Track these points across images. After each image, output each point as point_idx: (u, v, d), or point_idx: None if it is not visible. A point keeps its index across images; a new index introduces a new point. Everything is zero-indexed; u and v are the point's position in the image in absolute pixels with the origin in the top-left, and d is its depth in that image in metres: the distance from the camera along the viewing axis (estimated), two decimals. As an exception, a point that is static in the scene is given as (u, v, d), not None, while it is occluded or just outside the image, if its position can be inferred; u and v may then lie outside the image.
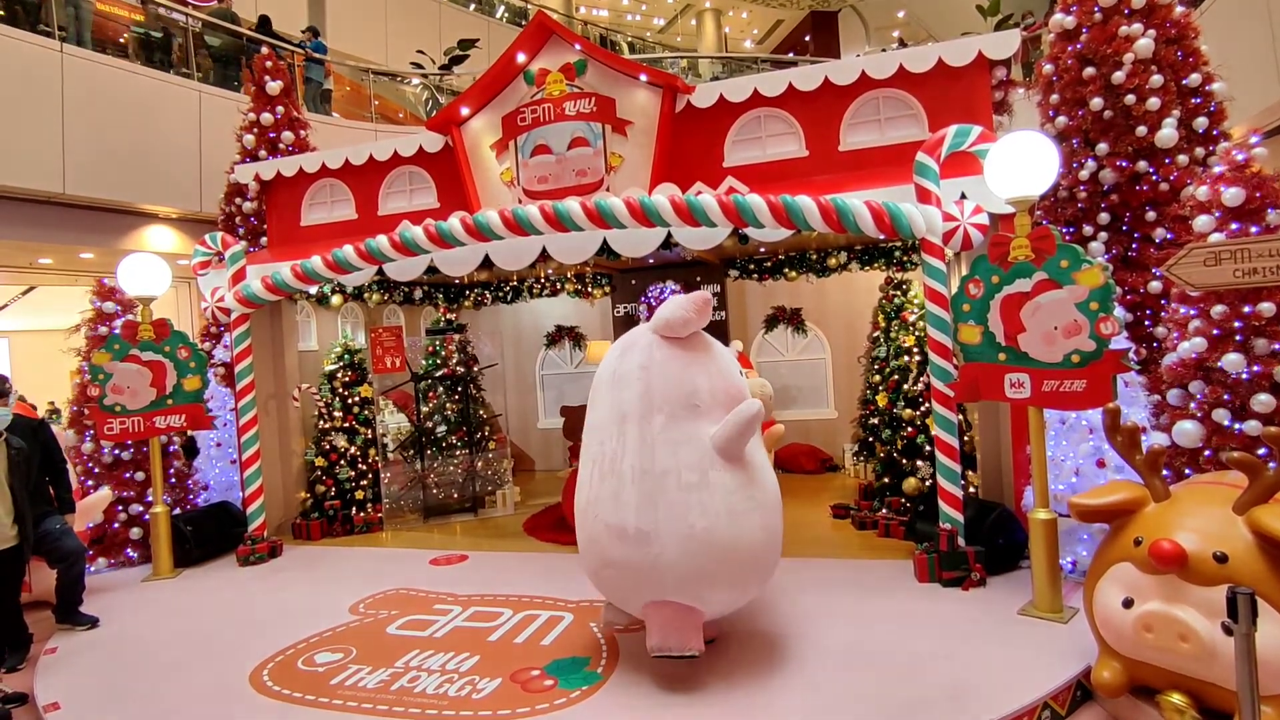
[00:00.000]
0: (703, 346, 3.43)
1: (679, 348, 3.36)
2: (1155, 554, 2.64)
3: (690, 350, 3.37)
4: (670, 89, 5.35)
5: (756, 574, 3.33)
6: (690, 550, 3.07)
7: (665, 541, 3.07)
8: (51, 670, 3.95)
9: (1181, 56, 4.70)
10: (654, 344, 3.39)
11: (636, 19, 24.60)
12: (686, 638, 3.13)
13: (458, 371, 7.16)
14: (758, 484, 3.25)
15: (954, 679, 3.15)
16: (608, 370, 3.47)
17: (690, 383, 3.27)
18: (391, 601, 4.65)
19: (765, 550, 3.26)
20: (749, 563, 3.22)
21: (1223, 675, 2.55)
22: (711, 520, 3.07)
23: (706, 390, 3.27)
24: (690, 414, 3.22)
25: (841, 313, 8.00)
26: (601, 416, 3.41)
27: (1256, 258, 3.45)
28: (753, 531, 3.16)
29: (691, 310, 3.33)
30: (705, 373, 3.33)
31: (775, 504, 3.34)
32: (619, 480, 3.20)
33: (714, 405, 3.25)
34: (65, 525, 4.62)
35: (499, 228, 4.84)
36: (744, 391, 3.42)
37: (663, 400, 3.24)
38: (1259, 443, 3.44)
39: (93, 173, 8.48)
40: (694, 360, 3.34)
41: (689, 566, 3.09)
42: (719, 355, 3.48)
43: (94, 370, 5.46)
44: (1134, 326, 4.66)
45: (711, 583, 3.16)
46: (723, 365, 3.44)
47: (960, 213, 4.40)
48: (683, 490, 3.10)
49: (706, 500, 3.09)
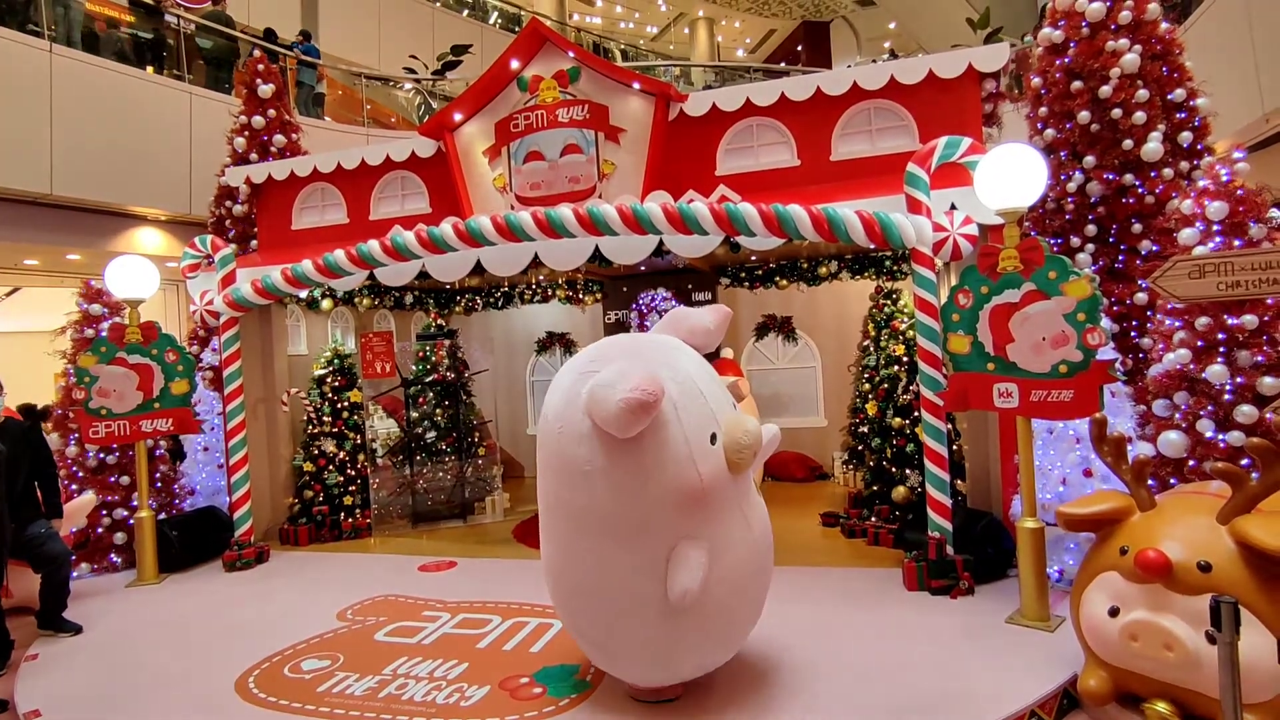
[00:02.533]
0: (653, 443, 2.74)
1: (626, 446, 2.74)
2: (1140, 563, 2.67)
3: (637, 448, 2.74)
4: (663, 97, 5.37)
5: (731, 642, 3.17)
6: (648, 658, 3.04)
7: (627, 658, 3.08)
8: (33, 677, 3.89)
9: (1167, 72, 4.78)
10: (593, 438, 2.78)
11: (630, 27, 24.71)
12: (658, 690, 3.15)
13: (448, 377, 7.14)
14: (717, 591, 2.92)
15: (942, 687, 3.16)
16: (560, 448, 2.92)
17: (638, 498, 2.79)
18: (379, 608, 4.62)
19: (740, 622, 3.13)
20: (719, 641, 3.09)
21: (1207, 683, 2.57)
22: (674, 641, 2.97)
23: (656, 505, 2.79)
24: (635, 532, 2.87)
25: (832, 321, 8.04)
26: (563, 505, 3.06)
27: (1240, 270, 3.50)
28: (720, 630, 3.02)
29: (621, 421, 2.58)
30: (658, 482, 2.76)
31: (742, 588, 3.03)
32: (575, 589, 3.14)
33: (664, 518, 2.82)
34: (51, 529, 4.56)
35: (491, 233, 4.85)
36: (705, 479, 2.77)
37: (607, 520, 2.88)
38: (1242, 453, 3.48)
39: (80, 173, 8.41)
40: (640, 467, 2.75)
41: (646, 670, 3.09)
42: (675, 443, 2.76)
43: (80, 373, 5.40)
44: (1120, 337, 4.72)
45: (673, 678, 3.10)
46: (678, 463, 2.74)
47: (950, 223, 4.44)
48: (640, 623, 2.97)
49: (665, 629, 2.95)
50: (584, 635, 3.13)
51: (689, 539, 2.81)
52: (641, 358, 2.89)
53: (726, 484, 2.88)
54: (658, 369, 2.76)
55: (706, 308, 3.15)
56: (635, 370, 2.62)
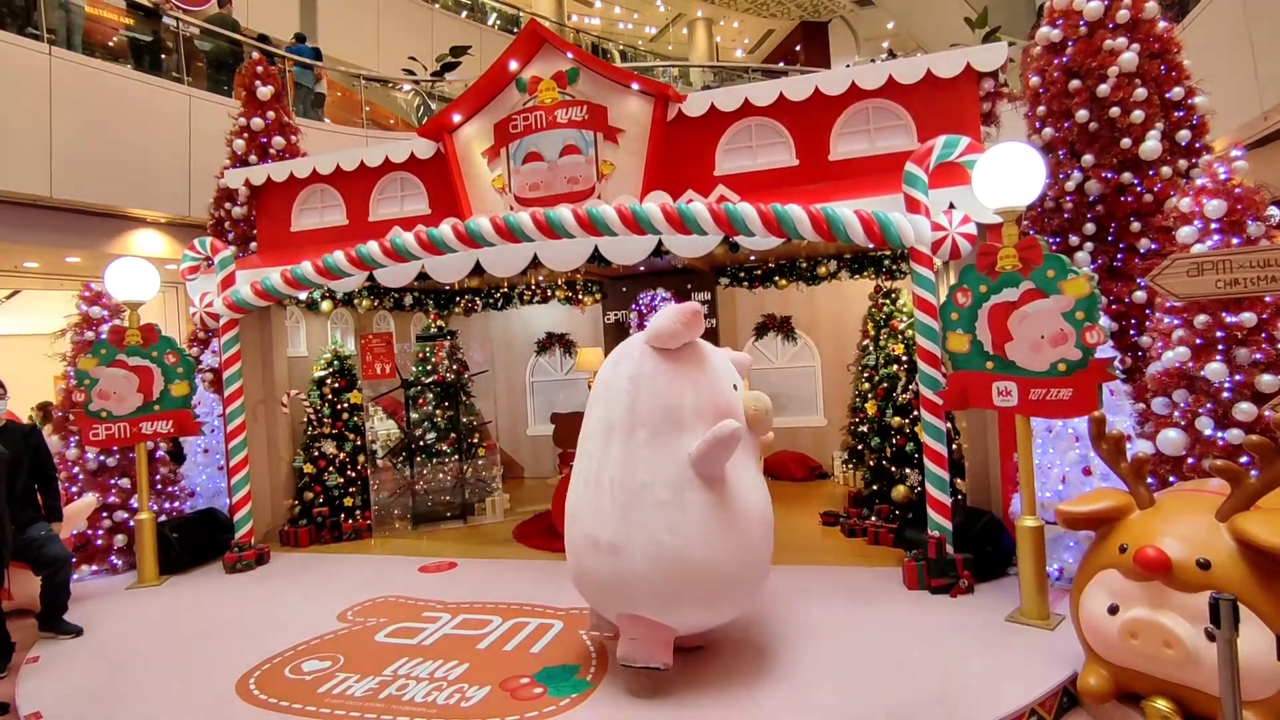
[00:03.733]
0: (694, 359, 3.35)
1: (669, 360, 3.29)
2: (1140, 561, 2.67)
3: (680, 363, 3.30)
4: (662, 97, 5.38)
5: (730, 597, 3.26)
6: (658, 568, 3.07)
7: (635, 556, 3.09)
8: (34, 679, 3.90)
9: (1165, 70, 4.78)
10: (644, 355, 3.34)
11: (628, 27, 24.71)
12: (653, 651, 3.18)
13: (448, 378, 7.14)
14: (737, 505, 3.18)
15: (942, 685, 3.17)
16: (601, 380, 3.46)
17: (676, 397, 3.21)
18: (380, 609, 4.62)
19: (740, 573, 3.21)
20: (720, 585, 3.17)
21: (1207, 681, 2.58)
22: (682, 540, 3.05)
23: (691, 406, 3.21)
24: (673, 429, 3.17)
25: (831, 321, 8.05)
26: (592, 427, 3.41)
27: (1238, 268, 3.50)
28: (725, 554, 3.11)
29: (679, 323, 3.25)
30: (693, 387, 3.26)
31: (758, 526, 3.27)
32: (599, 491, 3.23)
33: (697, 421, 3.19)
34: (51, 532, 4.57)
35: (490, 234, 4.85)
36: (734, 407, 3.33)
37: (647, 415, 3.21)
38: (1241, 451, 3.48)
39: (80, 176, 8.42)
40: (682, 374, 3.28)
41: (656, 583, 3.09)
42: (712, 368, 3.39)
43: (80, 375, 5.41)
44: (1119, 336, 4.72)
45: (679, 601, 3.14)
46: (714, 379, 3.35)
47: (948, 222, 4.44)
48: (656, 507, 3.09)
49: (679, 519, 3.06)
50: (598, 540, 3.18)
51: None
52: None
53: (744, 428, 3.26)
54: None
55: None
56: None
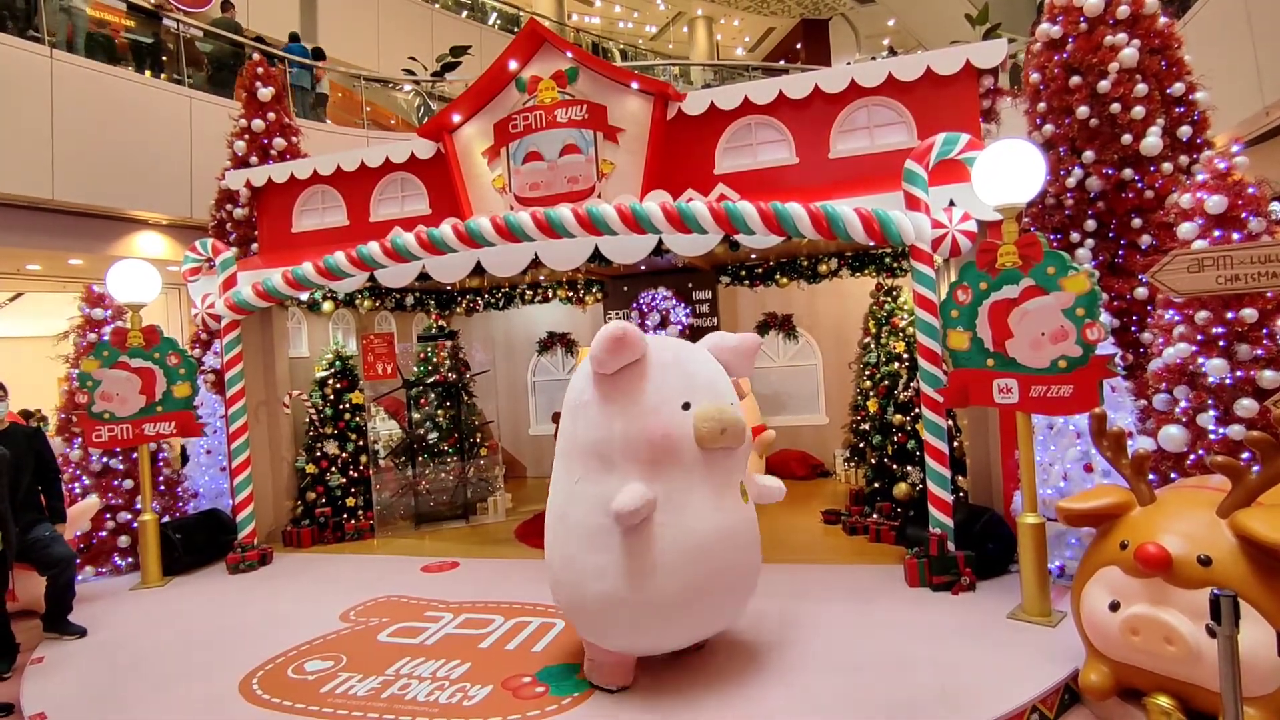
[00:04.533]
0: (630, 387, 3.10)
1: (606, 385, 3.13)
2: (1141, 557, 2.67)
3: (616, 389, 3.11)
4: (661, 96, 5.38)
5: (670, 628, 3.14)
6: (591, 606, 3.12)
7: (573, 589, 3.16)
8: (38, 679, 3.91)
9: (1165, 66, 4.77)
10: (587, 378, 3.21)
11: (628, 26, 24.70)
12: (608, 675, 3.26)
13: (449, 378, 7.15)
14: (675, 540, 3.00)
15: (943, 682, 3.16)
16: (569, 388, 3.39)
17: (605, 430, 3.09)
18: (382, 609, 4.63)
19: (678, 605, 3.06)
20: (657, 618, 3.07)
21: (1207, 677, 2.58)
22: (609, 584, 3.01)
23: (621, 440, 3.05)
24: (602, 467, 3.09)
25: (832, 319, 8.05)
26: (557, 443, 3.40)
27: (1239, 264, 3.50)
28: (657, 590, 3.00)
29: (602, 351, 3.03)
30: (623, 420, 3.06)
31: (703, 554, 3.05)
32: (552, 520, 3.31)
33: (627, 458, 3.04)
34: (55, 533, 4.58)
35: (491, 234, 4.85)
36: (672, 436, 3.03)
37: (580, 449, 3.17)
38: (1243, 447, 3.48)
39: (82, 178, 8.44)
40: (614, 402, 3.09)
41: (591, 619, 3.16)
42: (655, 391, 3.09)
43: (82, 377, 5.42)
44: (1120, 332, 4.71)
45: (614, 635, 3.14)
46: (653, 406, 3.06)
47: (948, 220, 4.44)
48: (586, 549, 3.08)
49: (605, 561, 3.03)
50: (552, 567, 3.29)
51: (643, 482, 3.03)
52: (659, 340, 3.35)
53: (690, 451, 3.07)
54: (654, 339, 3.29)
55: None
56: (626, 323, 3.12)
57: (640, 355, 3.14)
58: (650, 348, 3.22)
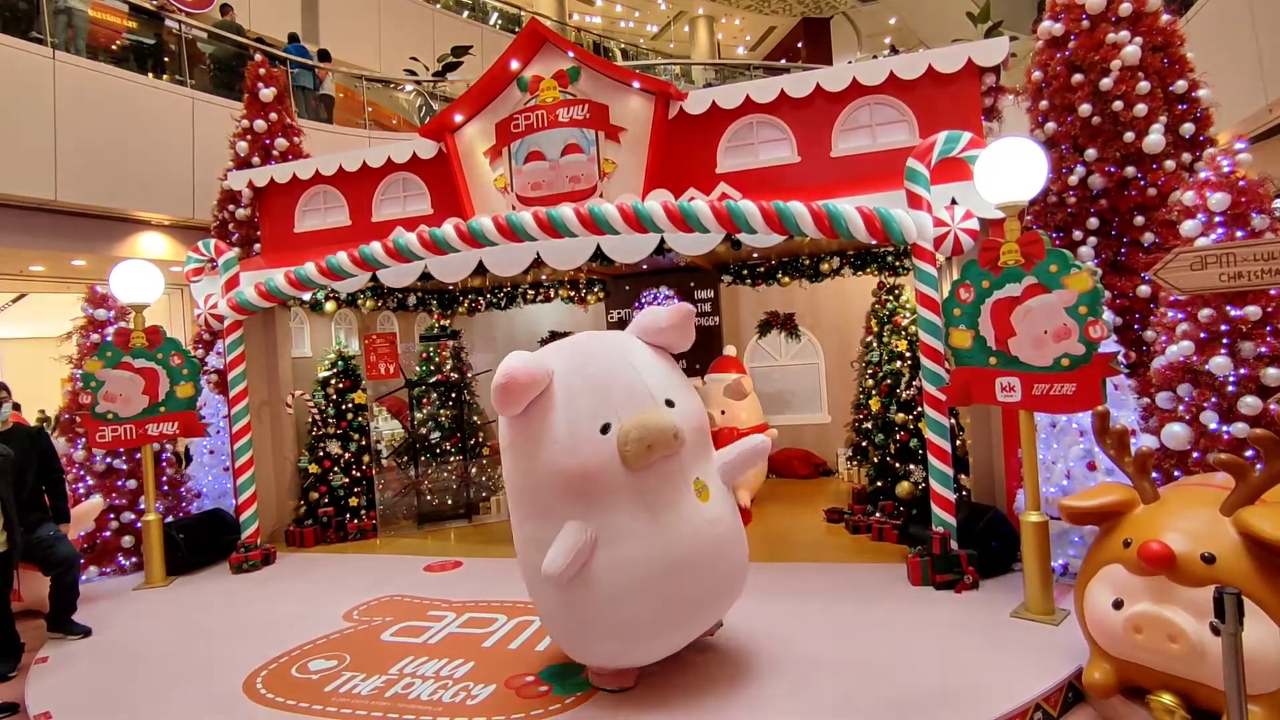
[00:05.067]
0: (538, 424, 2.99)
1: (519, 425, 3.06)
2: (1144, 555, 2.67)
3: (527, 427, 3.03)
4: (663, 95, 5.38)
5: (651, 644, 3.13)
6: (569, 634, 3.22)
7: (548, 620, 3.32)
8: (43, 679, 3.92)
9: (1168, 63, 4.76)
10: (506, 420, 3.15)
11: (630, 26, 24.68)
12: (608, 681, 3.28)
13: (452, 378, 7.16)
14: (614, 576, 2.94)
15: (947, 681, 3.17)
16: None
17: (523, 475, 3.08)
18: (385, 608, 4.64)
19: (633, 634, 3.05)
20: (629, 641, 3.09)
21: (1211, 675, 2.57)
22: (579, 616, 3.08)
23: (545, 485, 2.99)
24: (537, 510, 3.09)
25: (835, 318, 8.04)
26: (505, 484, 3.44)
27: (1242, 261, 3.49)
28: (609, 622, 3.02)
29: (494, 400, 2.92)
30: (543, 460, 2.96)
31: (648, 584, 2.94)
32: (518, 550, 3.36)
33: (556, 499, 3.00)
34: (59, 532, 4.60)
35: (493, 234, 4.86)
36: (587, 469, 2.89)
37: (515, 491, 3.19)
38: (1246, 445, 3.47)
39: (85, 179, 8.46)
40: (529, 444, 3.01)
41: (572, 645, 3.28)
42: (563, 421, 2.92)
43: (86, 378, 5.43)
44: (1123, 330, 4.70)
45: (599, 658, 3.23)
46: (562, 443, 2.90)
47: (951, 218, 4.43)
48: (550, 588, 3.07)
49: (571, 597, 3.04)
50: (532, 596, 3.38)
51: (576, 520, 2.94)
52: (568, 351, 3.16)
53: (618, 477, 2.91)
54: (552, 359, 3.08)
55: (666, 306, 3.17)
56: (518, 360, 2.92)
57: (542, 388, 2.94)
58: (557, 371, 2.99)
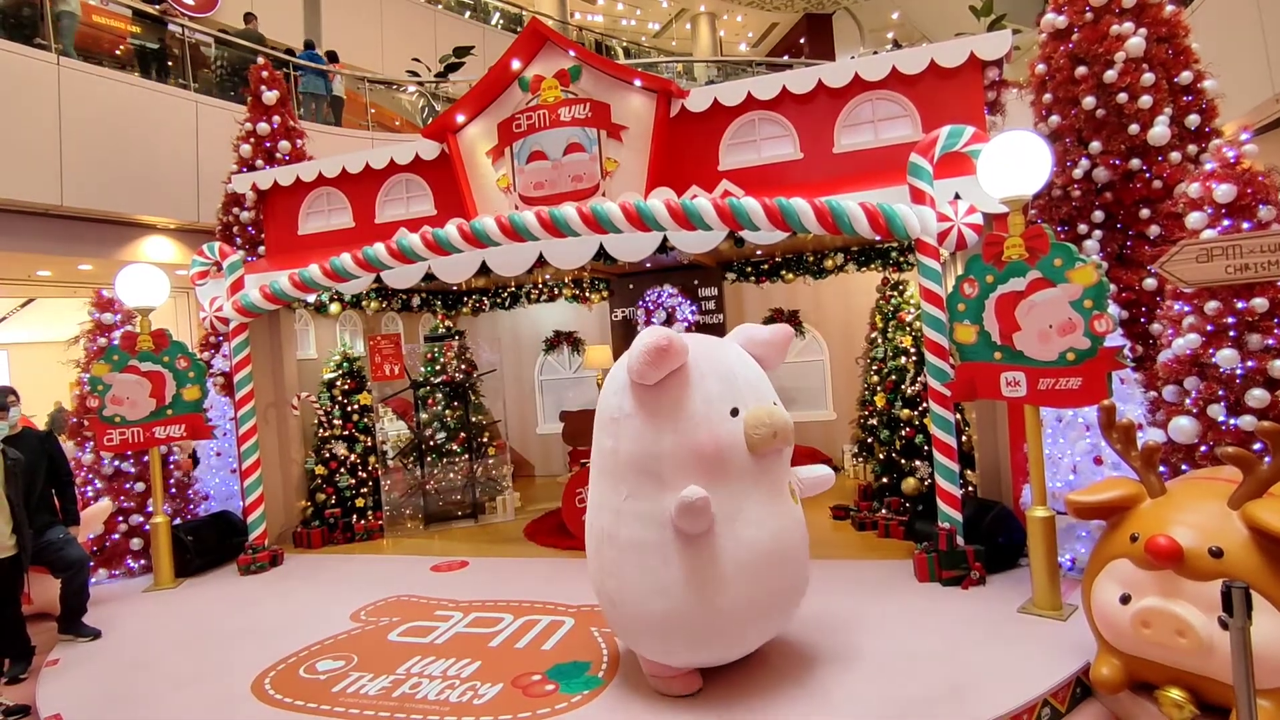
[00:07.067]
0: (675, 396, 2.99)
1: (648, 395, 3.01)
2: (1151, 550, 2.65)
3: (660, 399, 2.99)
4: (665, 93, 5.37)
5: (728, 638, 3.10)
6: (650, 625, 3.05)
7: (630, 610, 3.08)
8: (54, 681, 3.95)
9: (1172, 55, 4.73)
10: (626, 389, 3.07)
11: (631, 24, 24.64)
12: (671, 685, 3.19)
13: (456, 378, 7.17)
14: (730, 552, 2.95)
15: (954, 677, 3.16)
16: (600, 405, 3.27)
17: (653, 444, 2.97)
18: (392, 609, 4.65)
19: (735, 617, 3.03)
20: (713, 632, 3.03)
21: (1220, 669, 2.56)
22: (671, 602, 2.95)
23: (670, 454, 2.95)
24: (653, 484, 2.99)
25: (839, 314, 8.02)
26: (595, 461, 3.27)
27: (1248, 253, 3.46)
28: (715, 604, 2.96)
29: (644, 364, 2.90)
30: (672, 433, 2.95)
31: (756, 565, 2.99)
32: (599, 542, 3.19)
33: (677, 472, 2.94)
34: (68, 535, 4.63)
35: (496, 234, 4.86)
36: (722, 446, 2.94)
37: (627, 466, 3.04)
38: (1254, 438, 3.45)
39: (90, 184, 8.50)
40: (660, 414, 2.97)
41: (651, 638, 3.11)
42: (702, 397, 2.99)
43: (93, 381, 5.47)
44: (1129, 324, 4.68)
45: (674, 651, 3.10)
46: (701, 414, 2.96)
47: (954, 213, 4.41)
48: (640, 569, 3.00)
49: (665, 580, 2.95)
50: (603, 591, 3.22)
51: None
52: (691, 340, 3.17)
53: (742, 459, 2.99)
54: (689, 339, 3.11)
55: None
56: (664, 329, 2.97)
57: (682, 363, 2.99)
58: (690, 351, 3.07)
